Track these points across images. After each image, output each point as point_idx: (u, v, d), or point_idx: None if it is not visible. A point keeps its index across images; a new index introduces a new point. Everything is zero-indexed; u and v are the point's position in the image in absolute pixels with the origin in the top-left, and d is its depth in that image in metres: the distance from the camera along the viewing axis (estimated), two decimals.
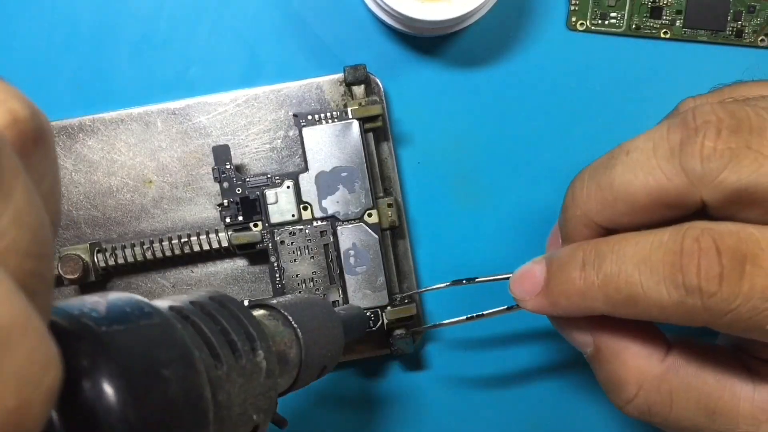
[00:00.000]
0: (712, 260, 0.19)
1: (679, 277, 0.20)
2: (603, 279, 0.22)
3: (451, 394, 0.35)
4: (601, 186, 0.22)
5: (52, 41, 0.34)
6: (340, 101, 0.34)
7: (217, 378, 0.17)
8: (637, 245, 0.21)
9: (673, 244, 0.20)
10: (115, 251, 0.32)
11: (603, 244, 0.22)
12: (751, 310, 0.19)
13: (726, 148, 0.20)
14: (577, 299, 0.23)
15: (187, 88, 0.34)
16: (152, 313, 0.15)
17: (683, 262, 0.20)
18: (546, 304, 0.24)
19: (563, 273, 0.23)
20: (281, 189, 0.32)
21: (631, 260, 0.21)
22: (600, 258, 0.22)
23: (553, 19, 0.34)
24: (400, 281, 0.33)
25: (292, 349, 0.22)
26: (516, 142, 0.35)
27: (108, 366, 0.13)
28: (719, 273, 0.19)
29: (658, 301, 0.20)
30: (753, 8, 0.34)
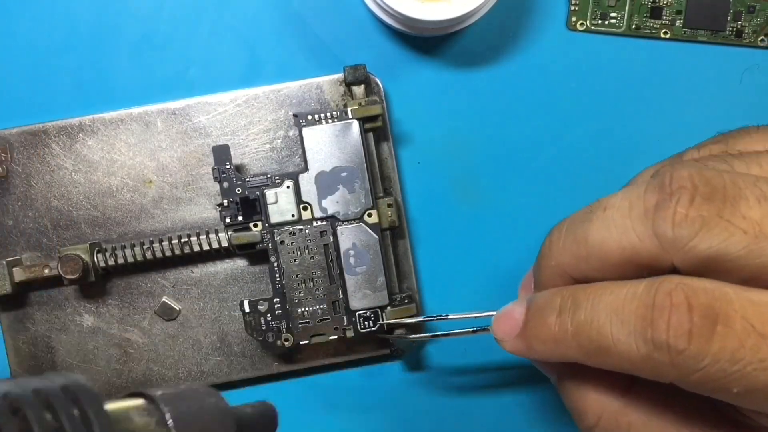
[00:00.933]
0: (683, 316, 0.19)
1: (649, 332, 0.20)
2: (576, 327, 0.22)
3: (451, 395, 0.35)
4: (576, 240, 0.23)
5: (52, 41, 0.34)
6: (340, 101, 0.34)
7: None
8: (612, 295, 0.21)
9: (646, 297, 0.20)
10: (115, 251, 0.32)
11: (580, 292, 0.22)
12: (719, 372, 0.19)
13: (698, 216, 0.20)
14: (551, 345, 0.23)
15: (187, 88, 0.34)
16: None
17: (654, 316, 0.20)
18: (522, 347, 0.24)
19: (540, 317, 0.23)
20: (281, 189, 0.32)
21: (604, 310, 0.21)
22: (575, 305, 0.22)
23: (553, 19, 0.34)
24: (400, 281, 0.33)
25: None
26: (516, 142, 0.35)
27: None
28: (689, 330, 0.19)
29: (627, 354, 0.20)
30: (753, 8, 0.34)
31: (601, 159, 0.35)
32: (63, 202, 0.34)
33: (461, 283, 0.35)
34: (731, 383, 0.19)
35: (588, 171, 0.35)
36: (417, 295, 0.34)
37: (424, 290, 0.35)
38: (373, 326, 0.32)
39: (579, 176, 0.35)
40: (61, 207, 0.34)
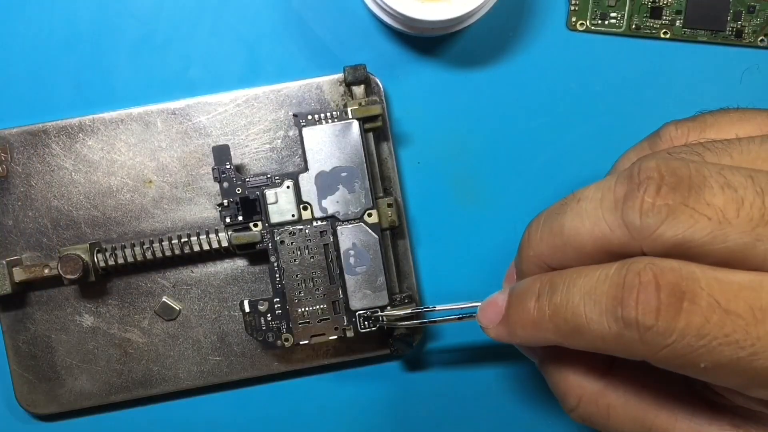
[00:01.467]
0: (651, 294, 0.20)
1: (619, 310, 0.20)
2: (553, 310, 0.23)
3: (451, 394, 0.35)
4: (552, 231, 0.23)
5: (52, 41, 0.34)
6: (340, 101, 0.34)
7: None
8: (586, 277, 0.22)
9: (617, 277, 0.21)
10: (115, 251, 0.33)
11: (557, 277, 0.23)
12: (686, 347, 0.20)
13: (664, 205, 0.20)
14: (531, 329, 0.24)
15: (187, 88, 0.34)
16: None
17: (623, 295, 0.20)
18: (505, 333, 0.25)
19: (520, 303, 0.24)
20: (281, 189, 0.32)
21: (578, 292, 0.22)
22: (552, 289, 0.23)
23: (553, 19, 0.34)
24: (400, 281, 0.33)
25: None
26: (516, 142, 0.35)
27: None
28: (656, 307, 0.20)
29: (600, 333, 0.21)
30: (753, 8, 0.34)
31: (601, 159, 0.34)
32: (63, 202, 0.34)
33: (461, 283, 0.35)
34: (698, 358, 0.20)
35: (588, 171, 0.35)
36: (417, 295, 0.34)
37: (424, 290, 0.35)
38: (373, 326, 0.32)
39: (579, 176, 0.35)
40: (61, 207, 0.34)
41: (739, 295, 0.19)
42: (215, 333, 0.34)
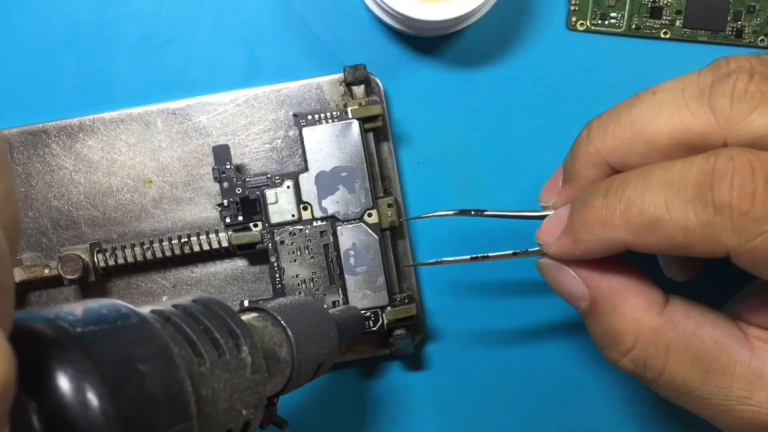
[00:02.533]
0: (746, 178, 0.19)
1: (709, 195, 0.19)
2: (626, 203, 0.21)
3: (451, 394, 0.35)
4: (620, 123, 0.22)
5: (52, 41, 0.34)
6: (340, 101, 0.34)
7: (199, 374, 0.17)
8: (665, 170, 0.20)
9: (705, 165, 0.19)
10: (115, 251, 0.33)
11: (630, 173, 0.21)
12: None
13: (757, 91, 0.19)
14: (598, 229, 0.22)
15: (187, 88, 0.34)
16: (129, 314, 0.16)
17: (714, 180, 0.19)
18: (568, 243, 0.23)
19: (586, 203, 0.23)
20: (281, 189, 0.32)
21: (657, 182, 0.20)
22: (624, 184, 0.21)
23: (553, 19, 0.34)
24: (400, 281, 0.33)
25: (282, 347, 0.22)
26: (516, 142, 0.35)
27: (82, 363, 0.13)
28: (753, 191, 0.18)
29: (683, 223, 0.20)
30: (753, 8, 0.34)
31: None
32: (63, 202, 0.34)
33: (461, 283, 0.35)
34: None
35: None
36: (417, 295, 0.34)
37: (424, 290, 0.35)
38: (373, 326, 0.32)
39: None
40: (61, 207, 0.34)
41: None
42: None
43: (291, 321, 0.23)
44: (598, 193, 0.22)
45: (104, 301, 0.16)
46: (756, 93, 0.19)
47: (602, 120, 0.23)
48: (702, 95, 0.20)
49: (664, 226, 0.20)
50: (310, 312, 0.24)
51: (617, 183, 0.22)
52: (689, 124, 0.20)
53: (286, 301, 0.24)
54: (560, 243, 0.24)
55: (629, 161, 0.22)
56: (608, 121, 0.23)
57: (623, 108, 0.22)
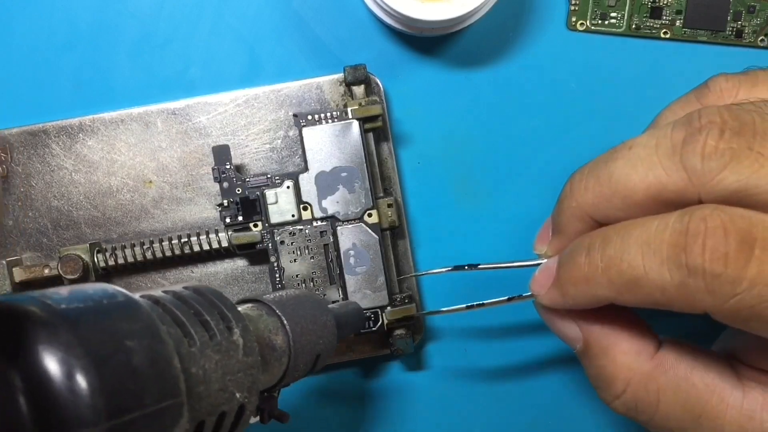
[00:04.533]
0: (719, 240, 0.19)
1: (683, 257, 0.19)
2: (606, 262, 0.21)
3: (451, 394, 0.35)
4: (599, 179, 0.22)
5: (52, 41, 0.34)
6: (340, 101, 0.34)
7: (189, 353, 0.17)
8: (642, 227, 0.21)
9: (679, 225, 0.20)
10: (115, 251, 0.32)
11: (610, 230, 0.22)
12: (756, 298, 0.18)
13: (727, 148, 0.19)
14: (583, 286, 0.22)
15: (187, 88, 0.34)
16: (116, 294, 0.16)
17: (688, 242, 0.19)
18: (557, 296, 0.24)
19: (570, 260, 0.23)
20: (281, 189, 0.32)
21: (635, 242, 0.21)
22: (605, 242, 0.22)
23: (553, 19, 0.34)
24: (400, 281, 0.33)
25: (278, 336, 0.22)
26: (516, 142, 0.35)
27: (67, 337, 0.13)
28: (725, 253, 0.19)
29: (660, 283, 0.20)
30: (753, 8, 0.34)
31: None
32: (63, 202, 0.34)
33: (461, 283, 0.35)
34: None
35: None
36: (417, 295, 0.34)
37: (424, 290, 0.35)
38: (373, 326, 0.32)
39: None
40: (61, 207, 0.34)
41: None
42: None
43: (286, 310, 0.23)
44: (581, 250, 0.23)
45: (93, 284, 0.16)
46: (726, 150, 0.19)
47: (583, 174, 0.23)
48: (674, 152, 0.20)
49: (643, 286, 0.20)
50: (306, 303, 0.24)
51: (599, 240, 0.22)
52: (664, 181, 0.21)
53: (283, 293, 0.24)
54: (550, 295, 0.24)
55: (611, 215, 0.22)
56: (588, 177, 0.23)
57: (601, 163, 0.23)
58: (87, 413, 0.13)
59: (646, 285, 0.20)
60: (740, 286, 0.19)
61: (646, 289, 0.20)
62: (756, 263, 0.18)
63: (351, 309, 0.28)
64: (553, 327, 0.26)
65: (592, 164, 0.23)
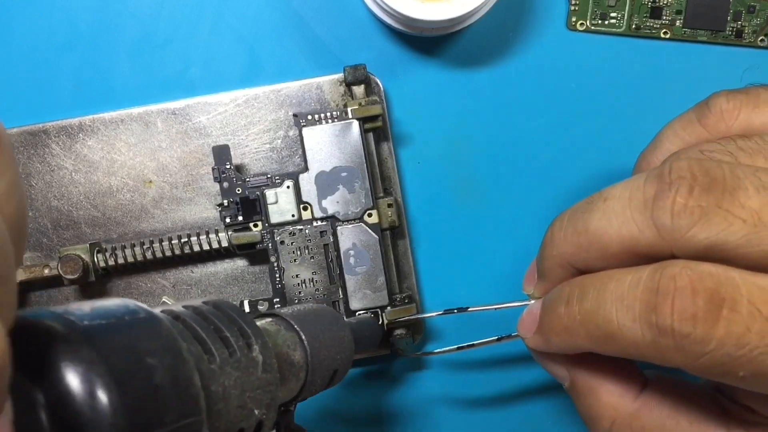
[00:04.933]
0: (687, 300, 0.19)
1: (653, 317, 0.20)
2: (583, 315, 0.22)
3: (451, 394, 0.35)
4: (577, 230, 0.23)
5: (52, 41, 0.34)
6: (340, 101, 0.34)
7: (209, 370, 0.17)
8: (617, 282, 0.21)
9: (650, 282, 0.20)
10: (115, 251, 0.32)
11: (587, 280, 0.22)
12: (724, 356, 0.19)
13: (696, 206, 0.20)
14: (563, 335, 0.23)
15: (187, 88, 0.34)
16: (138, 310, 0.16)
17: (658, 301, 0.20)
18: (541, 341, 0.25)
19: (552, 309, 0.24)
20: (281, 189, 0.32)
21: (609, 297, 0.21)
22: (582, 294, 0.22)
23: (553, 19, 0.34)
24: (400, 281, 0.33)
25: (296, 351, 0.22)
26: (516, 142, 0.35)
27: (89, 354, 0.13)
28: (693, 314, 0.19)
29: (633, 340, 0.20)
30: (753, 8, 0.34)
31: (601, 159, 0.35)
32: (63, 202, 0.34)
33: (461, 283, 0.35)
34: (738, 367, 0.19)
35: (588, 171, 0.35)
36: (417, 295, 0.34)
37: (424, 290, 0.35)
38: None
39: (579, 176, 0.35)
40: (61, 207, 0.34)
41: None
42: None
43: (304, 326, 0.23)
44: (560, 300, 0.23)
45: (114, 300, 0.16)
46: (695, 209, 0.20)
47: (563, 223, 0.24)
48: (646, 208, 0.21)
49: (618, 341, 0.21)
50: (324, 318, 0.24)
51: (577, 292, 0.22)
52: (636, 237, 0.21)
53: (300, 308, 0.24)
54: (535, 341, 0.25)
55: (590, 265, 0.23)
56: (567, 227, 0.23)
57: (579, 213, 0.23)
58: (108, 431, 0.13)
59: (621, 340, 0.21)
60: (709, 346, 0.19)
61: (621, 343, 0.21)
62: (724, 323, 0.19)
63: (367, 324, 0.28)
64: (542, 365, 0.27)
65: (570, 213, 0.24)
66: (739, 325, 0.19)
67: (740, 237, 0.19)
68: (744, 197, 0.19)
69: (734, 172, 0.20)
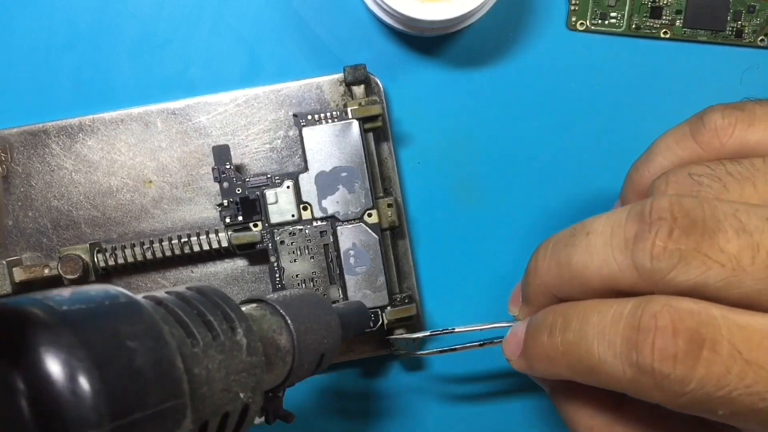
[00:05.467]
0: (668, 340, 0.19)
1: (634, 355, 0.20)
2: (565, 347, 0.22)
3: (451, 394, 0.35)
4: (559, 263, 0.23)
5: (52, 41, 0.34)
6: (340, 101, 0.34)
7: (191, 353, 0.17)
8: (599, 314, 0.21)
9: (632, 319, 0.20)
10: (115, 251, 0.32)
11: (571, 310, 0.22)
12: (704, 396, 0.19)
13: (675, 249, 0.20)
14: (546, 364, 0.23)
15: (187, 88, 0.34)
16: (118, 295, 0.16)
17: (639, 339, 0.19)
18: (525, 366, 0.25)
19: (535, 337, 0.24)
20: (281, 189, 0.32)
21: (591, 330, 0.21)
22: (565, 325, 0.22)
23: (553, 19, 0.34)
24: (400, 281, 0.33)
25: (282, 335, 0.22)
26: (516, 142, 0.35)
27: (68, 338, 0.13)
28: (674, 354, 0.19)
29: (613, 376, 0.20)
30: (753, 8, 0.34)
31: (601, 159, 0.35)
32: (63, 202, 0.34)
33: (461, 284, 0.35)
34: (717, 407, 0.19)
35: (588, 171, 0.35)
36: (417, 295, 0.34)
37: (424, 290, 0.35)
38: (373, 326, 0.32)
39: (579, 176, 0.35)
40: (61, 207, 0.34)
41: (761, 345, 0.19)
42: None
43: (290, 310, 0.23)
44: (544, 329, 0.23)
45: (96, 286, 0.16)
46: (674, 252, 0.20)
47: (546, 253, 0.24)
48: (627, 248, 0.21)
49: (600, 375, 0.21)
50: (310, 302, 0.24)
51: (560, 321, 0.22)
52: (617, 276, 0.21)
53: (286, 293, 0.24)
54: (519, 364, 0.25)
55: (572, 296, 0.23)
56: (550, 259, 0.23)
57: (561, 246, 0.23)
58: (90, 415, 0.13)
59: (602, 374, 0.21)
60: (688, 386, 0.19)
61: (602, 377, 0.21)
62: (704, 364, 0.19)
63: (355, 308, 0.28)
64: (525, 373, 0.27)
65: (554, 243, 0.24)
66: (719, 366, 0.19)
67: (719, 281, 0.19)
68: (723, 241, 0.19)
69: (714, 213, 0.20)
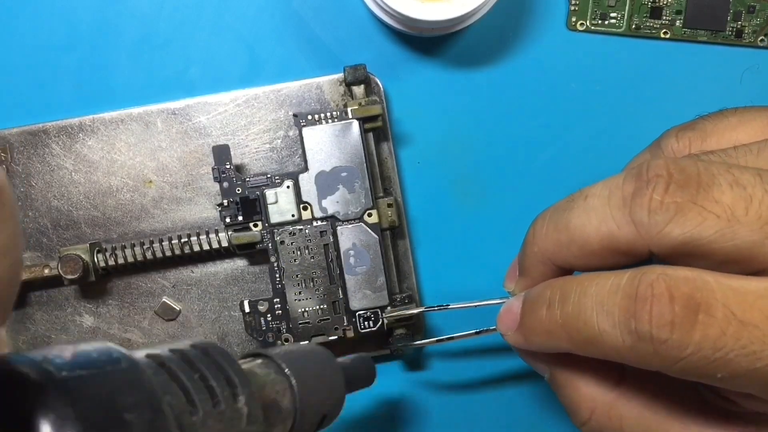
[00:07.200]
0: (665, 307, 0.20)
1: (632, 323, 0.20)
2: (564, 319, 0.22)
3: (451, 394, 0.35)
4: (558, 227, 0.23)
5: (52, 41, 0.34)
6: (340, 101, 0.34)
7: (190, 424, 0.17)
8: (597, 286, 0.22)
9: (629, 288, 0.20)
10: (115, 251, 0.33)
11: (569, 284, 0.23)
12: (702, 359, 0.19)
13: (672, 202, 0.20)
14: (544, 337, 0.23)
15: (187, 88, 0.34)
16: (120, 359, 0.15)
17: (636, 308, 0.20)
18: (521, 340, 0.25)
19: (532, 311, 0.24)
20: (281, 189, 0.32)
21: (590, 302, 0.21)
22: (563, 297, 0.23)
23: (553, 19, 0.34)
24: (400, 281, 0.33)
25: (285, 397, 0.22)
26: (516, 142, 0.35)
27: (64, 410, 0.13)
28: (671, 320, 0.19)
29: (613, 345, 0.21)
30: (753, 8, 0.34)
31: (601, 159, 0.35)
32: (63, 202, 0.34)
33: (461, 284, 0.35)
34: (715, 369, 0.19)
35: (588, 171, 0.35)
36: (417, 295, 0.34)
37: (424, 290, 0.35)
38: (373, 326, 0.32)
39: (579, 176, 0.35)
40: (61, 207, 0.34)
41: (755, 305, 0.19)
42: (215, 333, 0.34)
43: (295, 369, 0.22)
44: (542, 302, 0.23)
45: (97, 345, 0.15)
46: (671, 204, 0.20)
47: (544, 220, 0.24)
48: (624, 205, 0.21)
49: (599, 345, 0.21)
50: (316, 361, 0.24)
51: (558, 295, 0.23)
52: (615, 234, 0.22)
53: (291, 348, 0.24)
54: (515, 339, 0.25)
55: (570, 262, 0.23)
56: (548, 224, 0.24)
57: (560, 211, 0.24)
58: None
59: (601, 344, 0.21)
60: (686, 351, 0.19)
61: (602, 347, 0.21)
62: (700, 328, 0.19)
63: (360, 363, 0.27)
64: (522, 357, 0.27)
65: (552, 211, 0.24)
66: (715, 328, 0.19)
67: (714, 232, 0.20)
68: (718, 193, 0.20)
69: (708, 168, 0.21)
